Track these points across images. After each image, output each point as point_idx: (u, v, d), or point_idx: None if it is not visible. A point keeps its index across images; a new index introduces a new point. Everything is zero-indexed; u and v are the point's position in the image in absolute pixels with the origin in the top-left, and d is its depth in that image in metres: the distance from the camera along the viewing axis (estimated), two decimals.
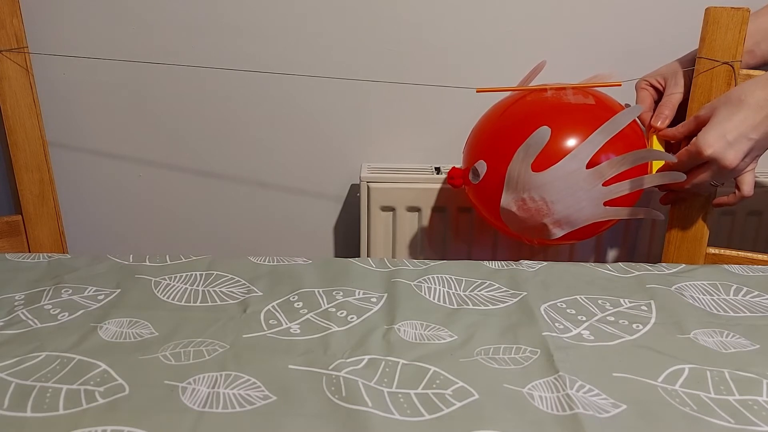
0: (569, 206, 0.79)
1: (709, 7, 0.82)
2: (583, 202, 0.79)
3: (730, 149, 0.78)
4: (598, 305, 0.68)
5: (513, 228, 0.85)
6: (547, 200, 0.79)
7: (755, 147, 0.78)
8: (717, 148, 0.78)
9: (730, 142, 0.78)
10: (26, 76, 0.96)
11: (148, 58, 1.06)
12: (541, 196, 0.79)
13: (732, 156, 0.78)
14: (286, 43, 1.07)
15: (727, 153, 0.78)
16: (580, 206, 0.79)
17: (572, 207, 0.79)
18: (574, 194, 0.79)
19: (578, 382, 0.55)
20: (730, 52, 0.82)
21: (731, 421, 0.50)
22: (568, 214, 0.80)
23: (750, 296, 0.71)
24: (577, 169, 0.78)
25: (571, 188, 0.78)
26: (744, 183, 0.83)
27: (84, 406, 0.51)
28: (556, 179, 0.78)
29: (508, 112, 0.87)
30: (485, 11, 1.05)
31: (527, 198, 0.79)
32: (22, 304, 0.66)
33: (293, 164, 1.15)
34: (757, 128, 0.77)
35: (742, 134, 0.77)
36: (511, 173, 0.80)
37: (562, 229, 0.81)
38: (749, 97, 0.77)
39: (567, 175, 0.78)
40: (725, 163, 0.78)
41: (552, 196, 0.79)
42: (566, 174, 0.78)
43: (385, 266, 0.76)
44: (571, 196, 0.79)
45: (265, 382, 0.54)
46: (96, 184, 1.16)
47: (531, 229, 0.83)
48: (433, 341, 0.61)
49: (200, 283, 0.72)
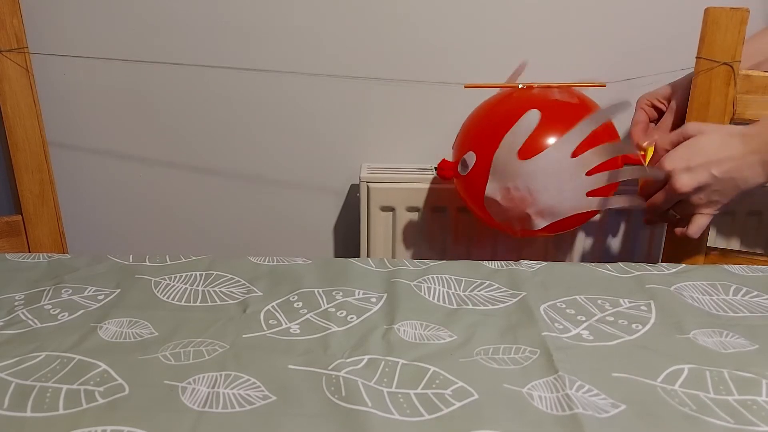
0: (553, 196, 0.80)
1: (709, 7, 0.82)
2: (566, 191, 0.80)
3: (687, 173, 0.78)
4: (598, 305, 0.68)
5: (497, 218, 0.85)
6: (532, 189, 0.79)
7: (714, 186, 0.78)
8: (677, 167, 0.78)
9: (691, 167, 0.78)
10: (26, 76, 0.96)
11: (148, 58, 1.06)
12: (525, 185, 0.79)
13: (686, 180, 0.78)
14: (286, 42, 1.07)
15: (682, 175, 0.78)
16: (563, 196, 0.80)
17: (556, 197, 0.80)
18: (559, 183, 0.79)
19: (578, 382, 0.55)
20: (730, 52, 0.82)
21: (731, 421, 0.50)
22: (552, 204, 0.80)
23: (750, 296, 0.71)
24: (562, 158, 0.78)
25: (556, 177, 0.79)
26: (693, 222, 0.81)
27: (84, 406, 0.51)
28: (541, 168, 0.79)
29: (497, 106, 0.88)
30: (486, 11, 1.05)
31: (512, 187, 0.80)
32: (22, 304, 0.66)
33: (293, 164, 1.15)
34: (721, 166, 0.77)
35: (704, 165, 0.77)
36: (498, 161, 0.80)
37: (545, 220, 0.82)
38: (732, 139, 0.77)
39: (552, 164, 0.79)
40: (676, 185, 0.78)
41: (536, 185, 0.79)
42: (551, 163, 0.79)
43: (384, 266, 0.76)
44: (555, 186, 0.79)
45: (265, 382, 0.54)
46: (96, 184, 1.16)
47: (514, 219, 0.84)
48: (432, 341, 0.61)
49: (200, 283, 0.72)
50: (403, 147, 1.13)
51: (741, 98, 0.85)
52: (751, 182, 0.77)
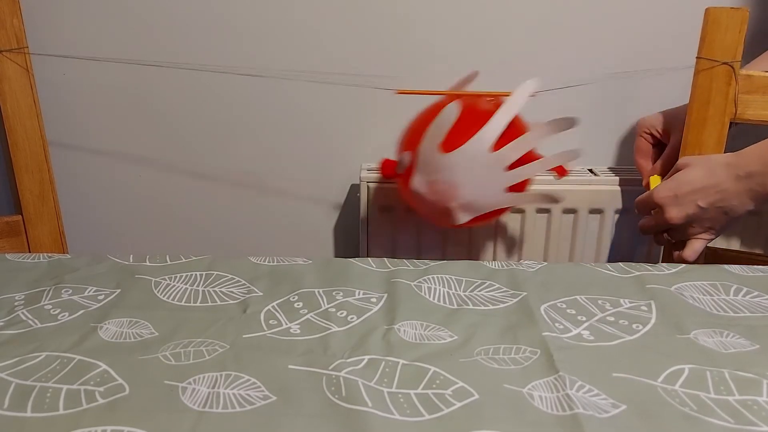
0: (474, 191, 0.81)
1: (709, 7, 0.82)
2: (487, 187, 0.81)
3: (675, 205, 0.79)
4: (598, 305, 0.68)
5: (422, 211, 0.88)
6: (454, 183, 0.80)
7: (703, 216, 0.79)
8: (665, 199, 0.80)
9: (679, 198, 0.79)
10: (26, 76, 0.96)
11: (148, 58, 1.06)
12: (448, 178, 0.81)
13: (675, 212, 0.80)
14: (286, 44, 1.07)
15: (671, 207, 0.80)
16: (484, 191, 0.82)
17: (477, 192, 0.81)
18: (479, 178, 0.81)
19: (578, 382, 0.55)
20: (730, 52, 0.82)
21: (731, 422, 0.50)
22: (474, 199, 0.82)
23: (750, 296, 0.71)
24: (481, 152, 0.80)
25: (476, 172, 0.81)
26: (688, 247, 0.83)
27: (84, 406, 0.51)
28: (461, 162, 0.80)
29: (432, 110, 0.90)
30: (486, 12, 1.05)
31: (435, 181, 0.81)
32: (22, 304, 0.66)
33: (293, 164, 1.15)
34: (707, 199, 0.78)
35: (691, 198, 0.78)
36: (422, 154, 0.82)
37: (468, 214, 0.84)
38: (717, 169, 0.78)
39: (472, 158, 0.80)
40: (666, 216, 0.80)
41: (458, 178, 0.81)
42: (471, 157, 0.80)
43: (385, 266, 0.76)
44: (476, 180, 0.81)
45: (265, 382, 0.54)
46: (96, 184, 1.16)
47: (438, 213, 0.85)
48: (433, 341, 0.61)
49: (200, 283, 0.72)
50: None
51: (741, 98, 0.85)
52: (739, 210, 0.79)
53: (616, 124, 1.12)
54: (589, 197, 1.04)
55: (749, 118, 0.86)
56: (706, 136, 0.87)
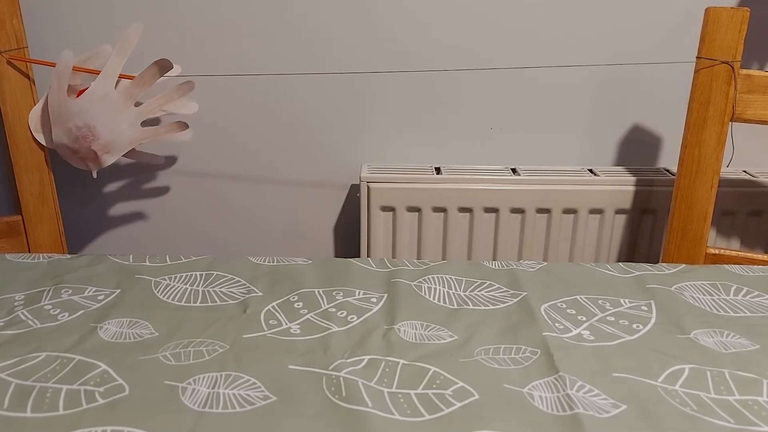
0: (112, 130, 0.88)
1: (709, 7, 0.82)
2: (122, 124, 0.88)
3: None
4: (599, 305, 0.68)
5: (71, 161, 0.93)
6: (90, 125, 0.87)
7: None
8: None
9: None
10: (26, 76, 0.96)
11: (148, 58, 1.06)
12: (84, 122, 0.87)
13: None
14: (286, 43, 1.07)
15: None
16: (121, 129, 0.88)
17: (114, 131, 0.88)
18: (113, 117, 0.87)
19: (578, 382, 0.55)
20: (730, 51, 0.82)
21: (731, 421, 0.50)
22: (113, 139, 0.88)
23: (750, 296, 0.71)
24: (107, 92, 0.87)
25: (108, 111, 0.87)
26: None
27: (84, 406, 0.51)
28: (92, 104, 0.87)
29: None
30: (486, 11, 1.05)
31: (73, 127, 0.87)
32: (22, 305, 0.66)
33: (293, 164, 1.15)
34: None
35: None
36: (52, 105, 0.88)
37: (112, 155, 0.90)
38: None
39: (101, 99, 0.86)
40: None
41: (93, 120, 0.87)
42: (99, 98, 0.87)
43: (385, 266, 0.76)
44: (111, 120, 0.87)
45: (265, 382, 0.54)
46: (96, 184, 1.16)
47: (85, 159, 0.91)
48: (433, 341, 0.61)
49: (200, 283, 0.72)
50: (403, 147, 1.13)
51: (741, 98, 0.85)
52: None
53: (616, 124, 1.11)
54: (589, 197, 1.04)
55: (749, 117, 0.86)
56: (706, 135, 0.87)
